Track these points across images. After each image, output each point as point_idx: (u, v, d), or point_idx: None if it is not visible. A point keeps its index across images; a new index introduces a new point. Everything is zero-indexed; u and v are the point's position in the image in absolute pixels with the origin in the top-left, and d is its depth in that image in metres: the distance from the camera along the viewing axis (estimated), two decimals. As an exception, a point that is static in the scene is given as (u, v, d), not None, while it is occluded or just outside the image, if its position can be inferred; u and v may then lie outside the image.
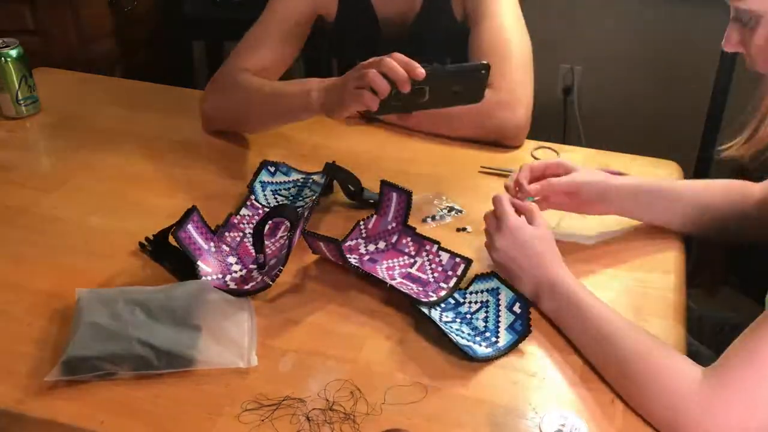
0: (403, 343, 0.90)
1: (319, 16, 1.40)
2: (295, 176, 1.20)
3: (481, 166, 1.25)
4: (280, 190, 1.18)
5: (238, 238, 1.06)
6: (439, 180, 1.23)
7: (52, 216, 1.12)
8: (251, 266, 1.01)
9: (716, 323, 1.22)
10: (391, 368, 0.86)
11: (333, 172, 1.15)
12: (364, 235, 1.06)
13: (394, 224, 1.06)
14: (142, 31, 2.45)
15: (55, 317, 0.92)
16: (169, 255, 1.01)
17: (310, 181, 1.20)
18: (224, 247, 1.03)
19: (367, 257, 1.03)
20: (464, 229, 1.11)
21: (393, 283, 0.96)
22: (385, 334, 0.91)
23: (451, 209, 1.15)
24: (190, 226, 1.00)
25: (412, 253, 1.03)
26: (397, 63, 0.97)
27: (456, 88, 1.03)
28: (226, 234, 1.06)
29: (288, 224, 1.07)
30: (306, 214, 1.06)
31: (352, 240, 1.06)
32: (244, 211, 1.11)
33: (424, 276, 1.00)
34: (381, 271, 1.00)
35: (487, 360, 0.87)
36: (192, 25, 2.44)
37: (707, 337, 1.17)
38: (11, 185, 1.21)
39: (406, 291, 0.94)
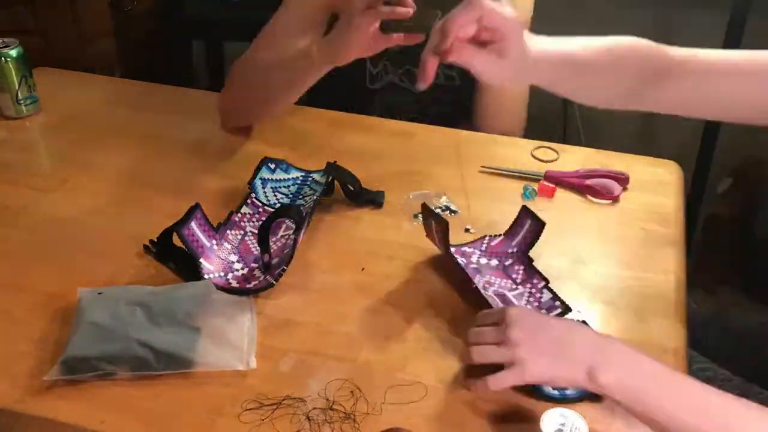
0: (403, 343, 0.90)
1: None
2: (294, 174, 1.21)
3: (482, 166, 1.25)
4: (280, 187, 1.18)
5: (240, 236, 1.06)
6: (438, 180, 1.23)
7: (52, 216, 1.12)
8: (253, 265, 1.01)
9: (717, 323, 1.22)
10: (391, 368, 0.86)
11: (333, 171, 1.15)
12: (483, 248, 1.05)
13: (515, 249, 1.04)
14: (142, 31, 2.44)
15: (55, 317, 0.92)
16: (174, 255, 1.01)
17: (310, 179, 1.20)
18: (226, 245, 1.04)
19: (473, 266, 1.03)
20: (467, 230, 1.11)
21: (486, 294, 0.95)
22: (385, 334, 0.91)
23: (446, 209, 1.15)
24: (193, 224, 1.00)
25: (518, 280, 1.01)
26: None
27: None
28: (228, 232, 1.06)
29: (289, 223, 1.07)
30: (309, 214, 1.06)
31: (470, 248, 1.05)
32: (244, 209, 1.11)
33: (517, 303, 0.97)
34: (479, 282, 0.99)
35: (555, 400, 0.81)
36: (192, 25, 2.44)
37: (707, 337, 1.17)
38: (11, 185, 1.21)
39: (491, 302, 0.93)
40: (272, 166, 1.20)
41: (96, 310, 0.88)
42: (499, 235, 1.06)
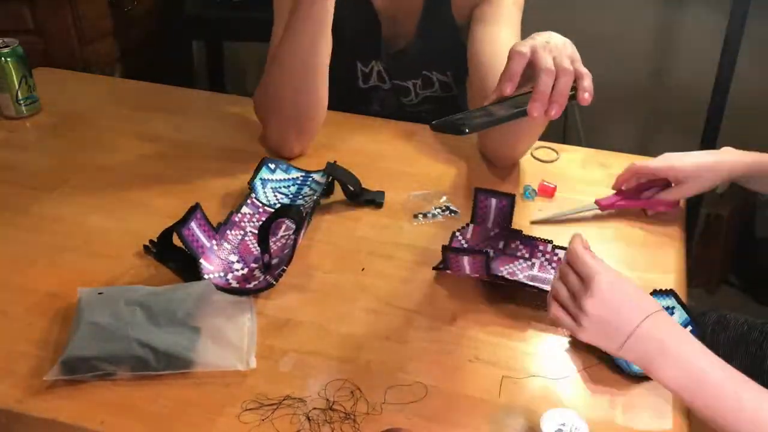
0: (403, 343, 0.90)
1: None
2: (294, 174, 1.21)
3: (531, 222, 1.13)
4: (280, 187, 1.18)
5: (240, 236, 1.06)
6: (439, 180, 1.23)
7: (52, 216, 1.12)
8: (253, 265, 1.01)
9: (716, 323, 1.22)
10: (391, 368, 0.86)
11: (333, 172, 1.15)
12: (465, 244, 1.04)
13: (497, 230, 1.04)
14: (142, 31, 2.45)
15: (55, 317, 0.92)
16: (174, 255, 1.01)
17: (310, 179, 1.20)
18: (226, 245, 1.04)
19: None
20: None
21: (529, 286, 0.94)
22: (385, 334, 0.91)
23: (446, 209, 1.15)
24: (193, 224, 1.00)
25: (526, 255, 1.01)
26: None
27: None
28: (228, 232, 1.06)
29: (289, 223, 1.07)
30: (309, 214, 1.06)
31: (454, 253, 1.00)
32: (245, 209, 1.11)
33: (548, 275, 0.98)
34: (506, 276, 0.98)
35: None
36: (192, 25, 2.44)
37: (707, 337, 1.17)
38: (11, 185, 1.21)
39: (543, 285, 0.93)
40: (272, 166, 1.20)
41: (96, 310, 0.88)
42: (466, 225, 1.06)
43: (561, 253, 0.97)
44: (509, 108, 0.92)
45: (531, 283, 0.95)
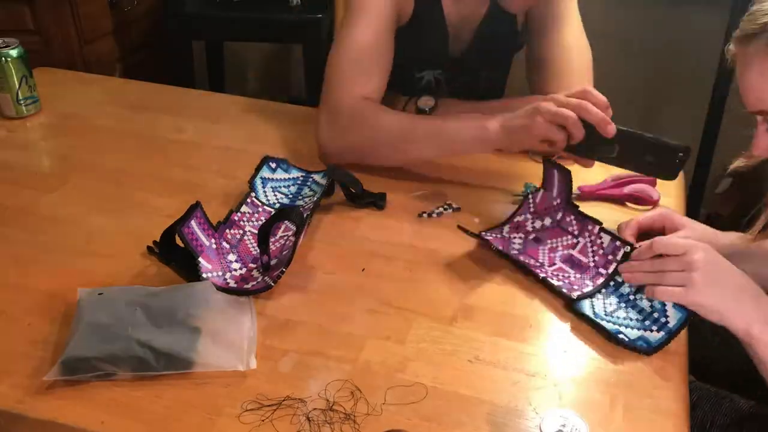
0: (403, 343, 0.90)
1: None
2: (295, 174, 1.21)
3: (514, 195, 1.20)
4: (280, 187, 1.18)
5: (239, 236, 1.06)
6: (439, 180, 1.23)
7: (52, 216, 1.12)
8: (251, 265, 1.01)
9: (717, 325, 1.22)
10: (391, 368, 0.86)
11: (334, 173, 1.15)
12: (532, 209, 1.09)
13: (558, 200, 1.08)
14: (142, 31, 2.45)
15: (55, 317, 0.92)
16: (176, 255, 1.01)
17: (311, 179, 1.20)
18: (225, 244, 1.04)
19: (532, 236, 1.07)
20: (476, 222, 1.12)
21: (550, 270, 1.00)
22: (385, 334, 0.91)
23: (448, 207, 1.15)
24: (193, 222, 1.00)
25: (576, 232, 1.05)
26: (596, 108, 0.99)
27: (649, 158, 1.01)
28: (227, 231, 1.06)
29: (288, 224, 1.07)
30: (308, 215, 1.06)
31: (520, 215, 1.09)
32: (244, 209, 1.11)
33: (584, 259, 1.02)
34: (542, 254, 1.03)
35: (662, 346, 0.88)
36: (192, 25, 2.44)
37: (708, 336, 1.17)
38: (11, 185, 1.21)
39: (559, 283, 0.98)
40: (273, 165, 1.20)
41: (96, 311, 0.88)
42: (539, 189, 1.10)
43: (605, 237, 1.02)
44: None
45: (551, 281, 0.98)
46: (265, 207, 1.13)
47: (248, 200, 1.13)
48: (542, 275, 0.99)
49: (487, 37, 1.37)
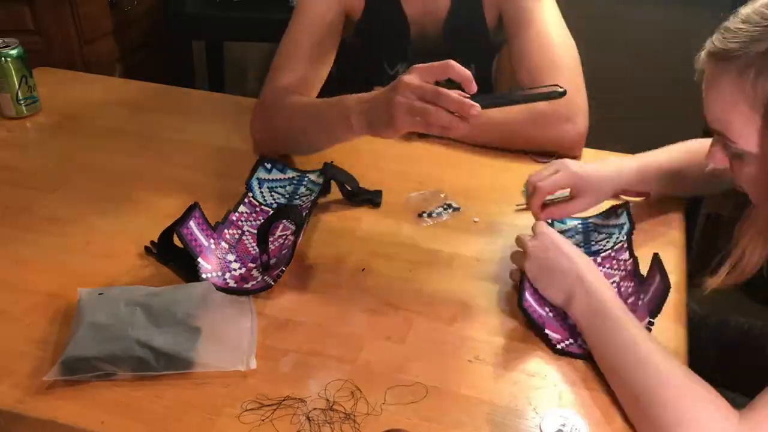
0: (403, 343, 0.90)
1: (346, 16, 1.37)
2: (291, 174, 1.21)
3: (516, 205, 1.18)
4: (276, 187, 1.18)
5: (237, 236, 1.06)
6: (438, 179, 1.23)
7: (52, 216, 1.12)
8: (250, 264, 1.01)
9: (717, 324, 1.22)
10: (391, 368, 0.86)
11: (331, 172, 1.15)
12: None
13: (642, 299, 0.93)
14: (142, 31, 2.45)
15: (55, 317, 0.92)
16: (175, 256, 1.01)
17: (306, 179, 1.20)
18: (223, 244, 1.04)
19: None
20: (475, 221, 1.13)
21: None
22: (385, 334, 0.91)
23: (448, 207, 1.15)
24: (191, 223, 1.00)
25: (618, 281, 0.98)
26: (454, 95, 0.90)
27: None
28: (225, 231, 1.06)
29: (287, 223, 1.07)
30: (307, 214, 1.06)
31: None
32: (242, 209, 1.11)
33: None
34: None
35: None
36: (192, 25, 2.44)
37: (708, 338, 1.17)
38: (11, 185, 1.21)
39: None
40: (268, 165, 1.20)
41: (96, 311, 0.88)
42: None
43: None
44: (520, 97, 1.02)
45: (547, 332, 0.90)
46: (263, 207, 1.13)
47: (245, 200, 1.13)
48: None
49: (454, 32, 1.37)
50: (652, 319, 0.88)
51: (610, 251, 1.04)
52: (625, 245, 1.04)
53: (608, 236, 1.08)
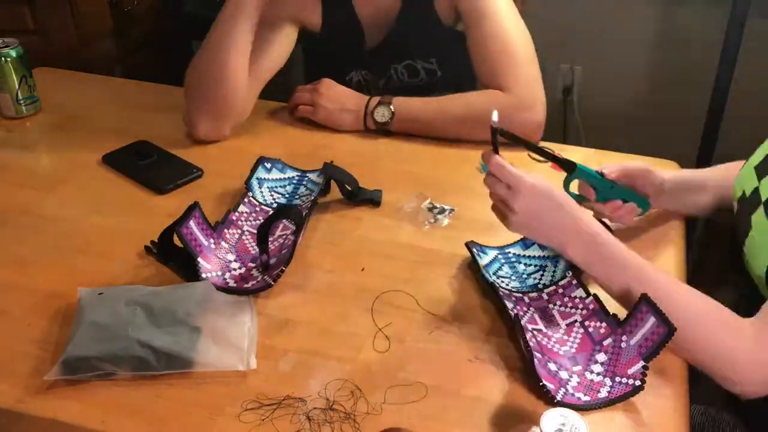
0: (403, 343, 0.90)
1: (303, 28, 1.42)
2: (290, 173, 1.21)
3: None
4: (276, 187, 1.18)
5: (237, 236, 1.06)
6: (436, 180, 1.23)
7: (52, 216, 1.12)
8: (250, 264, 1.01)
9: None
10: (391, 368, 0.86)
11: (331, 172, 1.15)
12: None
13: (635, 352, 0.84)
14: (142, 31, 2.44)
15: (56, 317, 0.92)
16: (175, 255, 1.01)
17: (306, 179, 1.20)
18: (223, 243, 1.04)
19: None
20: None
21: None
22: (385, 334, 0.91)
23: (442, 210, 1.15)
24: (191, 222, 1.00)
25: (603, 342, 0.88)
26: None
27: None
28: (225, 231, 1.06)
29: (286, 223, 1.07)
30: (307, 214, 1.06)
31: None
32: (241, 208, 1.11)
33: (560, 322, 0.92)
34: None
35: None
36: (192, 25, 2.44)
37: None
38: (11, 185, 1.21)
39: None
40: (268, 165, 1.20)
41: (96, 310, 0.88)
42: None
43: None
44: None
45: (534, 354, 0.84)
46: (263, 206, 1.13)
47: (245, 200, 1.13)
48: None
49: (408, 29, 1.40)
50: (646, 363, 0.82)
51: (555, 287, 0.97)
52: (574, 281, 0.96)
53: (540, 269, 1.01)
